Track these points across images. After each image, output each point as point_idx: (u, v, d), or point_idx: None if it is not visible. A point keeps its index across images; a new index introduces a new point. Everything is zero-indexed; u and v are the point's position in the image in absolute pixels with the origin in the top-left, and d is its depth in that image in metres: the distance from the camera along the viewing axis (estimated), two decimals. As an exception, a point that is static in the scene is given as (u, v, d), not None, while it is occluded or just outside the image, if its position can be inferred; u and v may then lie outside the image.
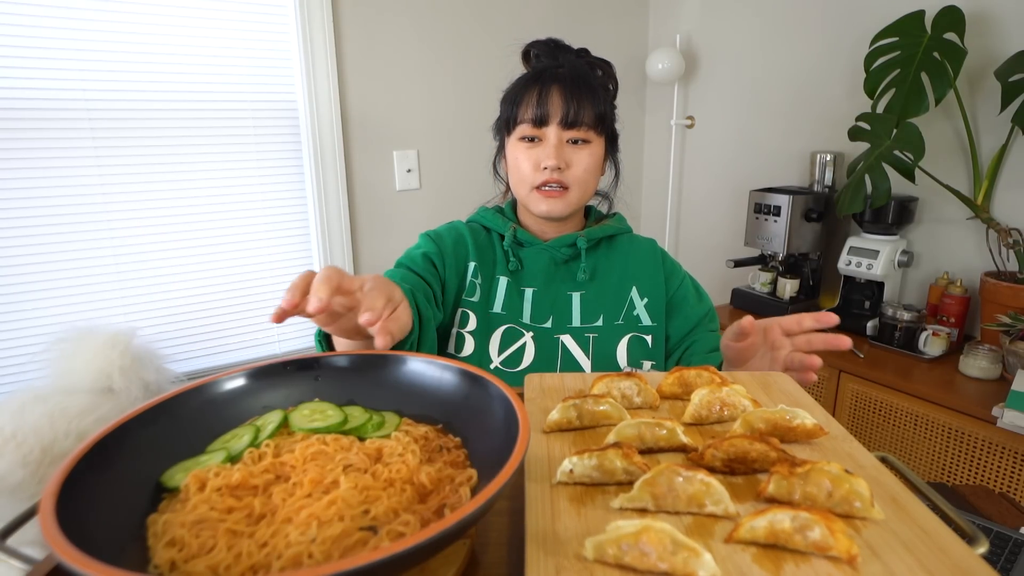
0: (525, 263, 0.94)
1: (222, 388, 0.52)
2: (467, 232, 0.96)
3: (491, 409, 0.47)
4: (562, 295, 0.92)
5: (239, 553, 0.36)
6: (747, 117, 2.15)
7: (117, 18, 1.50)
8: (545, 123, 0.87)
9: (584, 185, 0.90)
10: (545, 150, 0.87)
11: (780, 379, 0.62)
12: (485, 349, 0.89)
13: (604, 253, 0.95)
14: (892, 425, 1.46)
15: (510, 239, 0.93)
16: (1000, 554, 0.78)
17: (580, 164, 0.88)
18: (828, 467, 0.40)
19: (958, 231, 1.64)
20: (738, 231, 2.07)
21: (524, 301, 0.92)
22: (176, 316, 1.70)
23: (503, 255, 0.95)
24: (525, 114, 0.88)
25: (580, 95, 0.86)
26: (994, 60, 1.49)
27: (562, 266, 0.94)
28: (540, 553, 0.36)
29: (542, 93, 0.87)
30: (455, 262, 0.93)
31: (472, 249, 0.94)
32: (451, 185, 2.08)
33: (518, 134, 0.90)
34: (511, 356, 0.88)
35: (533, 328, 0.90)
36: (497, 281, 0.93)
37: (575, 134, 0.87)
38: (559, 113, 0.86)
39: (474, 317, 0.91)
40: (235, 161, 1.71)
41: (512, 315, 0.91)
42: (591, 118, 0.87)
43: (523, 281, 0.93)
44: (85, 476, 0.39)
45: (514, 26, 2.08)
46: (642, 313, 0.92)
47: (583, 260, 0.92)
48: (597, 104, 0.87)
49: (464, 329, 0.90)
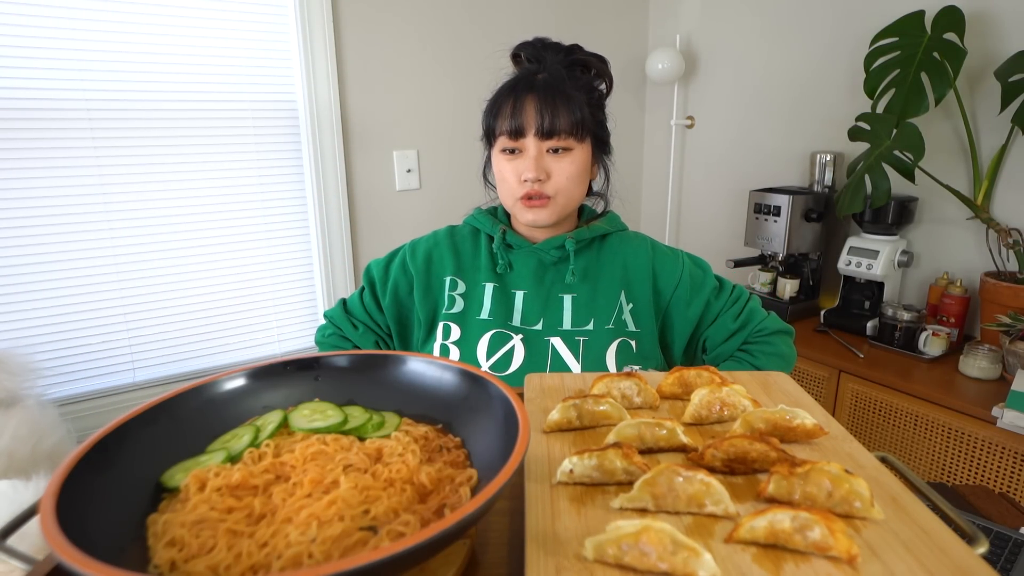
0: (514, 265, 0.94)
1: (222, 388, 0.52)
2: (447, 243, 0.96)
3: (491, 409, 0.47)
4: (554, 297, 0.92)
5: (239, 553, 0.36)
6: (747, 117, 2.15)
7: (117, 18, 1.50)
8: (522, 134, 0.86)
9: (568, 193, 0.89)
10: (525, 162, 0.86)
11: (780, 379, 0.62)
12: (472, 355, 0.89)
13: (595, 254, 0.94)
14: (892, 425, 1.46)
15: (499, 241, 0.93)
16: (1000, 554, 0.78)
17: (562, 173, 0.87)
18: (828, 467, 0.40)
19: (958, 231, 1.64)
20: (738, 231, 2.07)
21: (514, 303, 0.92)
22: (176, 316, 1.70)
23: (490, 258, 0.95)
24: (503, 126, 0.87)
25: (555, 103, 0.85)
26: (994, 60, 1.49)
27: (551, 268, 0.93)
28: (540, 553, 0.36)
29: (516, 104, 0.86)
30: (425, 284, 0.94)
31: (450, 261, 0.95)
32: (451, 185, 2.08)
33: (499, 146, 0.89)
34: (500, 360, 0.88)
35: (523, 330, 0.90)
36: (482, 288, 0.93)
37: (554, 143, 0.86)
38: (534, 124, 0.85)
39: (456, 328, 0.91)
40: (235, 161, 1.71)
41: (500, 319, 0.91)
42: (568, 125, 0.85)
43: (512, 284, 0.93)
44: (85, 476, 0.39)
45: (514, 26, 2.08)
46: (628, 319, 0.91)
47: (572, 262, 0.92)
48: (573, 111, 0.85)
49: (448, 340, 0.91)
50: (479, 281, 0.93)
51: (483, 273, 0.94)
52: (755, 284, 1.97)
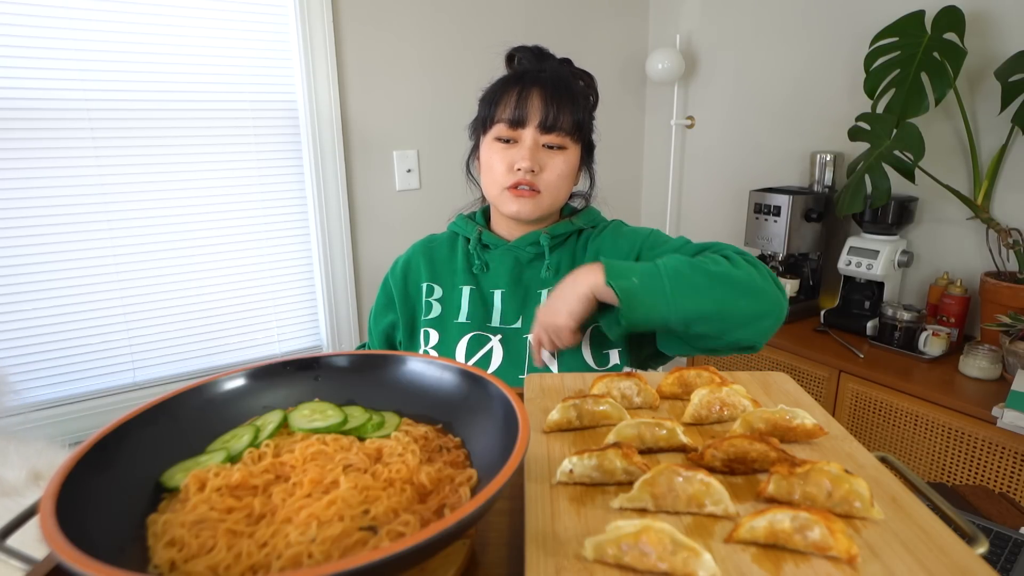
0: (491, 265, 0.94)
1: (222, 388, 0.52)
2: (422, 252, 0.98)
3: (491, 409, 0.47)
4: (532, 294, 0.92)
5: (239, 553, 0.36)
6: (747, 117, 2.15)
7: (117, 18, 1.50)
8: (522, 125, 0.86)
9: (556, 191, 0.89)
10: (520, 152, 0.86)
11: (780, 379, 0.62)
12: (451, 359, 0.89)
13: (570, 250, 0.94)
14: (892, 425, 1.46)
15: (475, 242, 0.94)
16: (1000, 554, 0.78)
17: (554, 169, 0.87)
18: (828, 467, 0.40)
19: (958, 231, 1.64)
20: (738, 231, 2.07)
21: (493, 304, 0.92)
22: (176, 316, 1.70)
23: (467, 261, 0.95)
24: (503, 114, 0.87)
25: (560, 100, 0.85)
26: (994, 60, 1.49)
27: (528, 265, 0.93)
28: (540, 553, 0.36)
29: (522, 94, 0.86)
30: (403, 294, 0.97)
31: (424, 269, 0.96)
32: (451, 185, 2.08)
33: (494, 134, 0.89)
34: (479, 362, 0.89)
35: (502, 330, 0.90)
36: (459, 292, 0.93)
37: (552, 139, 0.86)
38: (538, 116, 0.85)
39: (435, 333, 0.92)
40: (235, 161, 1.71)
41: (477, 322, 0.91)
42: (569, 124, 0.86)
43: (490, 284, 0.93)
44: (85, 476, 0.39)
45: (514, 26, 2.07)
46: None
47: (547, 257, 0.92)
48: (576, 111, 0.86)
49: (428, 346, 0.92)
50: (456, 284, 0.94)
51: (460, 276, 0.94)
52: (755, 284, 1.96)
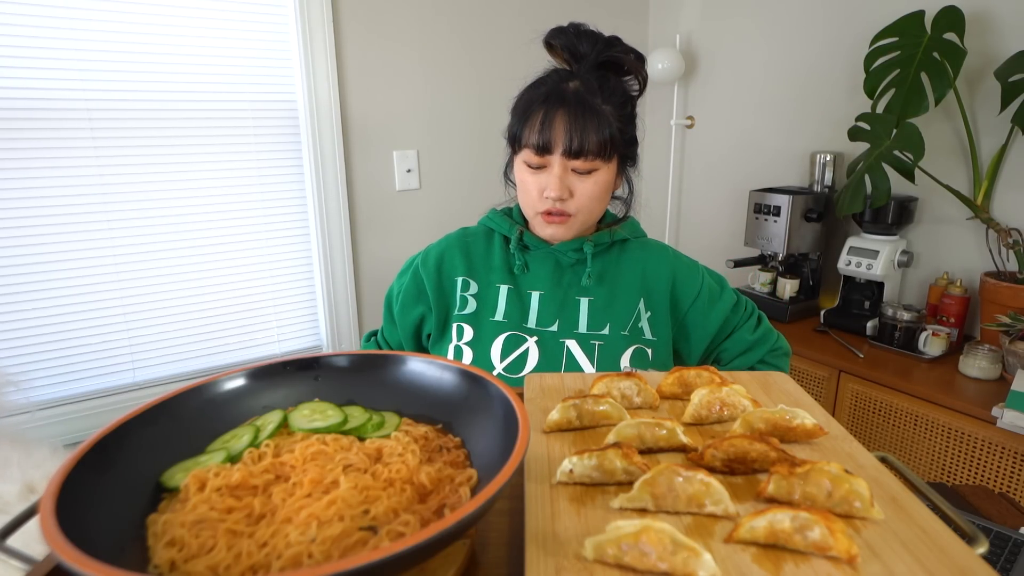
0: (531, 266, 0.93)
1: (222, 388, 0.52)
2: (458, 245, 0.96)
3: (491, 409, 0.47)
4: (570, 299, 0.91)
5: (239, 553, 0.36)
6: (747, 117, 2.15)
7: (117, 18, 1.50)
8: (549, 151, 0.84)
9: (588, 212, 0.88)
10: (549, 179, 0.85)
11: (780, 379, 0.62)
12: (486, 357, 0.89)
13: (614, 258, 0.94)
14: (892, 425, 1.46)
15: (516, 242, 0.93)
16: (1000, 554, 0.78)
17: (584, 193, 0.86)
18: (828, 467, 0.40)
19: (958, 231, 1.64)
20: (738, 231, 2.07)
21: (530, 305, 0.91)
22: (176, 316, 1.70)
23: (505, 259, 0.94)
24: (530, 138, 0.85)
25: (584, 122, 0.82)
26: (994, 60, 1.49)
27: (569, 269, 0.93)
28: (540, 553, 0.36)
29: (546, 118, 0.83)
30: (437, 287, 0.94)
31: (461, 263, 0.94)
32: (451, 185, 2.08)
33: (523, 157, 0.88)
34: (514, 362, 0.88)
35: (538, 332, 0.90)
36: (497, 289, 0.92)
37: (580, 164, 0.84)
38: (562, 143, 0.83)
39: (469, 329, 0.91)
40: (235, 161, 1.71)
41: (514, 322, 0.90)
42: (595, 147, 0.83)
43: (528, 284, 0.93)
44: (85, 476, 0.39)
45: (514, 26, 2.07)
46: (645, 326, 0.91)
47: (589, 265, 0.91)
48: (602, 130, 0.83)
49: (461, 342, 0.91)
50: (492, 282, 0.93)
51: (497, 274, 0.93)
52: (755, 284, 1.97)
